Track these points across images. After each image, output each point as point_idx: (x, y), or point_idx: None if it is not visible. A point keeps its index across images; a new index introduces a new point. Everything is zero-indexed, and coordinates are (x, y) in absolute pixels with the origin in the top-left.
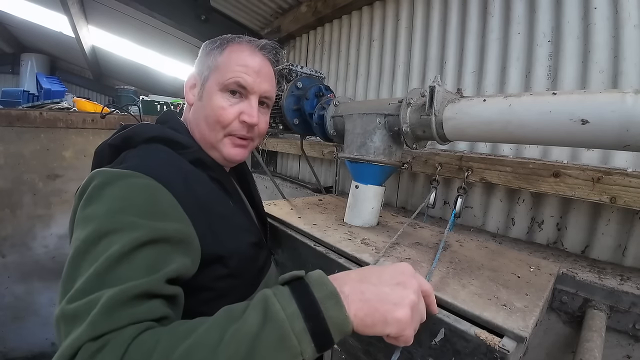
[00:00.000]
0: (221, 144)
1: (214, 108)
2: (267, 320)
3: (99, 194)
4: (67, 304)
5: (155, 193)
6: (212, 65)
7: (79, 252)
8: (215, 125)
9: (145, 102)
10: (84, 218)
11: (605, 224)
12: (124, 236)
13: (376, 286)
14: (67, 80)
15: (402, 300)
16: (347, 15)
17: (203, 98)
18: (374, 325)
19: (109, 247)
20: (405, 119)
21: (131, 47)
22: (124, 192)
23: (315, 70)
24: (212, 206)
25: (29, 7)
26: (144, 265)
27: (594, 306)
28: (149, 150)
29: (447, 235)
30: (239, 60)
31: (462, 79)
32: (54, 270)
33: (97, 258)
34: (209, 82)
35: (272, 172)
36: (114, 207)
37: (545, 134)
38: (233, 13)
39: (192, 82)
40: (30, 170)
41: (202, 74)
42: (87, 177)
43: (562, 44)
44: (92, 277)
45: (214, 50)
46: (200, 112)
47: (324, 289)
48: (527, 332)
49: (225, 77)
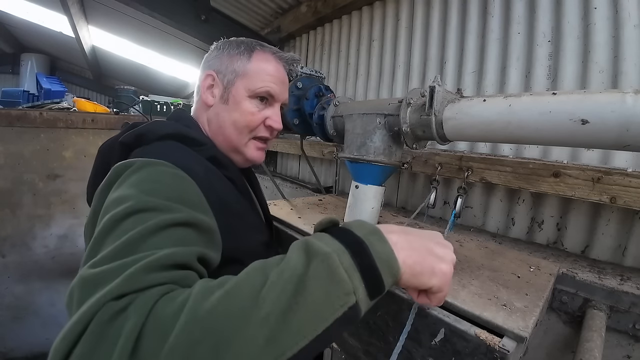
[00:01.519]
0: (246, 147)
1: (243, 113)
2: (312, 257)
3: (129, 178)
4: (89, 269)
5: (184, 182)
6: (240, 71)
7: (106, 226)
8: (243, 129)
9: (145, 102)
10: (114, 200)
11: (605, 224)
12: (159, 215)
13: (422, 239)
14: (67, 80)
15: (445, 256)
16: (347, 15)
17: (229, 102)
18: (421, 274)
19: (142, 222)
20: (405, 119)
21: (131, 47)
22: (156, 176)
23: (315, 70)
24: (230, 203)
25: (29, 7)
26: (179, 239)
27: (594, 306)
28: (164, 146)
29: (447, 235)
30: (269, 70)
31: (462, 79)
32: (54, 270)
33: (127, 230)
34: (235, 87)
35: (272, 172)
36: (147, 188)
37: (545, 134)
38: (233, 13)
39: (210, 82)
40: (30, 170)
41: (224, 76)
42: (111, 172)
43: (562, 44)
44: (123, 245)
45: (240, 55)
46: (225, 115)
47: (365, 227)
48: (527, 332)
49: (257, 85)
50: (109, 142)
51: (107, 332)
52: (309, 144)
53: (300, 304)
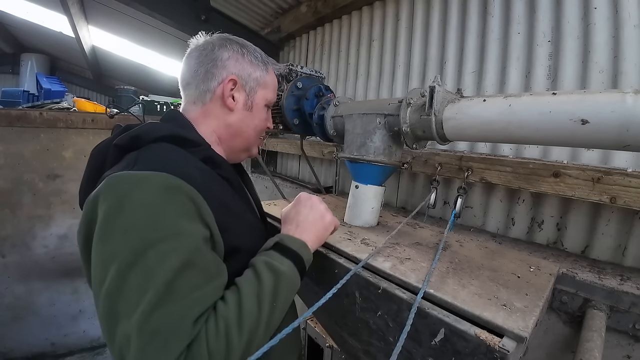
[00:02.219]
0: (254, 146)
1: (262, 120)
2: (277, 276)
3: (129, 201)
4: (142, 323)
5: (184, 191)
6: (261, 81)
7: (126, 265)
8: (260, 133)
9: (145, 102)
10: (120, 229)
11: (605, 224)
12: (175, 246)
13: (314, 224)
14: (67, 80)
15: (322, 216)
16: (347, 15)
17: (253, 109)
18: (323, 239)
19: (163, 259)
20: (405, 119)
21: (131, 47)
22: (155, 196)
23: (315, 70)
24: (228, 203)
25: (29, 7)
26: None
27: (594, 306)
28: (160, 149)
29: (447, 235)
30: (275, 83)
31: (462, 79)
32: (54, 270)
33: (152, 271)
34: (257, 96)
35: (272, 172)
36: (151, 214)
37: (545, 134)
38: (233, 13)
39: (232, 86)
40: (30, 170)
41: (246, 83)
42: (103, 183)
43: (562, 44)
44: (159, 294)
45: (260, 66)
46: (248, 121)
47: (296, 243)
48: (527, 332)
49: (271, 96)
50: (102, 145)
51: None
52: (309, 144)
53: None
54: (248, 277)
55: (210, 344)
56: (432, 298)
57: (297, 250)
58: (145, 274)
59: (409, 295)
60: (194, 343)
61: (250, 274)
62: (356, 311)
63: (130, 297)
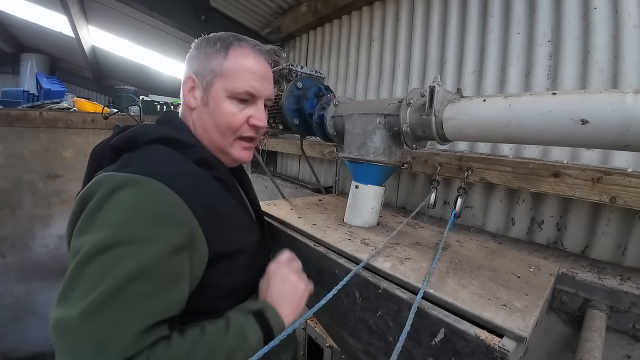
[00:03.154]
0: (231, 148)
1: (224, 114)
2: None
3: (109, 201)
4: (82, 319)
5: (165, 199)
6: (217, 71)
7: (86, 257)
8: (226, 131)
9: (145, 102)
10: (94, 224)
11: (605, 224)
12: (136, 252)
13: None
14: (67, 80)
15: (297, 284)
16: (347, 15)
17: (209, 104)
18: (300, 310)
19: (119, 261)
20: (405, 119)
21: (131, 47)
22: (134, 199)
23: (315, 70)
24: (218, 207)
25: (29, 7)
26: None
27: (594, 306)
28: (152, 151)
29: (447, 235)
30: (247, 66)
31: (462, 79)
32: (54, 271)
33: (107, 270)
34: (214, 88)
35: (272, 172)
36: (124, 216)
37: (545, 134)
38: (233, 13)
39: (191, 84)
40: (30, 170)
41: (203, 77)
42: (93, 182)
43: (562, 44)
44: (106, 295)
45: (217, 54)
46: (207, 117)
47: (278, 322)
48: (527, 332)
49: (235, 85)
50: (100, 146)
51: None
52: (309, 144)
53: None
54: (219, 327)
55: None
56: (432, 298)
57: (274, 328)
58: (100, 271)
59: (409, 295)
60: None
61: (221, 325)
62: (356, 311)
63: (81, 287)
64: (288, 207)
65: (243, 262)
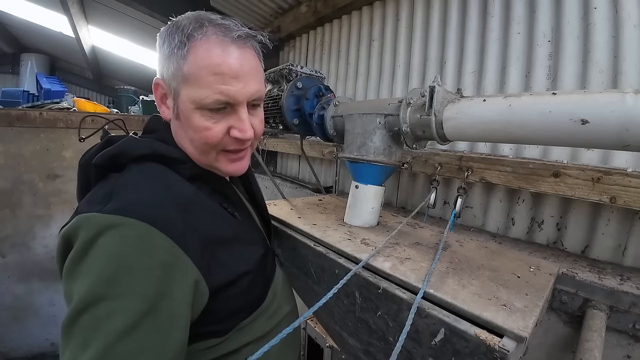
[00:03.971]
0: (217, 162)
1: (197, 130)
2: None
3: (92, 248)
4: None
5: (151, 243)
6: (178, 75)
7: (77, 310)
8: (204, 147)
9: (145, 102)
10: (82, 272)
11: (605, 224)
12: (123, 307)
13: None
14: (67, 80)
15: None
16: (347, 15)
17: (180, 117)
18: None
19: (108, 316)
20: (405, 119)
21: (131, 47)
22: (117, 248)
23: (315, 70)
24: (217, 234)
25: (29, 7)
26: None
27: (594, 306)
28: (139, 174)
29: (447, 235)
30: (210, 67)
31: (462, 79)
32: (54, 271)
33: (96, 326)
34: (181, 98)
35: (272, 172)
36: (108, 267)
37: (545, 134)
38: (233, 13)
39: (161, 91)
40: (30, 170)
41: (169, 83)
42: (74, 222)
43: (562, 44)
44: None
45: (176, 52)
46: (181, 132)
47: None
48: (527, 332)
49: (201, 95)
50: (86, 158)
51: None
52: (309, 144)
53: None
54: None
55: None
56: (432, 298)
57: None
58: (91, 325)
59: (409, 295)
60: None
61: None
62: (356, 311)
63: (74, 342)
64: (288, 207)
65: (246, 283)
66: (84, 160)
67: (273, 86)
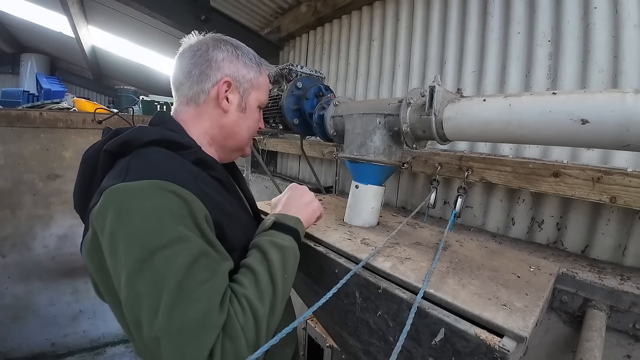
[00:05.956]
0: (247, 146)
1: (255, 121)
2: (283, 251)
3: (128, 213)
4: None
5: (180, 195)
6: (255, 83)
7: (135, 272)
8: (253, 133)
9: (145, 102)
10: (124, 240)
11: (605, 224)
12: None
13: (301, 206)
14: (67, 80)
15: (311, 201)
16: (347, 15)
17: (247, 111)
18: (311, 220)
19: (169, 262)
20: (405, 119)
21: (131, 47)
22: (152, 204)
23: (315, 70)
24: (221, 204)
25: (29, 7)
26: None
27: (594, 306)
28: (150, 154)
29: (447, 235)
30: (267, 84)
31: (462, 79)
32: (54, 271)
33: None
34: (251, 97)
35: (272, 172)
36: (150, 221)
37: (545, 133)
38: (233, 13)
39: (226, 87)
40: (30, 170)
41: (241, 85)
42: (103, 197)
43: (562, 44)
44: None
45: (253, 67)
46: (242, 122)
47: (292, 220)
48: (527, 332)
49: (264, 98)
50: (91, 150)
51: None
52: (309, 144)
53: (287, 273)
54: (256, 257)
55: (240, 321)
56: (432, 298)
57: (294, 226)
58: (154, 279)
59: (409, 295)
60: (226, 324)
61: (257, 254)
62: (356, 311)
63: (146, 303)
64: None
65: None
66: (89, 153)
67: (273, 86)
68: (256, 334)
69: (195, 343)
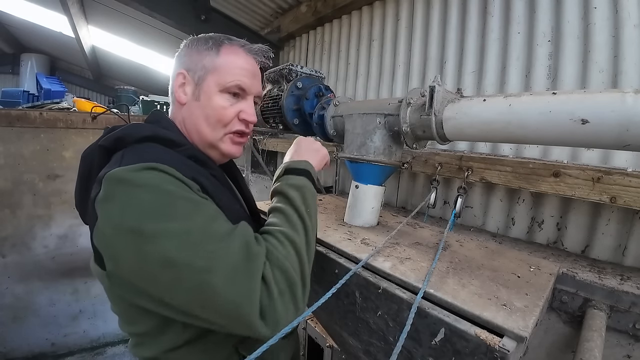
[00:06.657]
0: (221, 142)
1: (215, 108)
2: (302, 190)
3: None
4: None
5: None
6: (209, 66)
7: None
8: (216, 124)
9: (145, 102)
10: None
11: (605, 224)
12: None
13: (311, 151)
14: (67, 80)
15: (320, 148)
16: (347, 15)
17: (201, 98)
18: (322, 164)
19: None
20: (405, 119)
21: (131, 47)
22: (156, 179)
23: (315, 70)
24: (215, 195)
25: (29, 7)
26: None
27: (594, 306)
28: (144, 148)
29: (447, 235)
30: (238, 63)
31: (462, 79)
32: (54, 271)
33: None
34: (206, 83)
35: (272, 172)
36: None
37: (545, 133)
38: (233, 13)
39: (181, 80)
40: (30, 170)
41: (194, 73)
42: (104, 182)
43: (562, 44)
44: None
45: (209, 51)
46: (198, 111)
47: (302, 163)
48: (527, 332)
49: (226, 79)
50: (89, 149)
51: None
52: None
53: (309, 209)
54: (278, 199)
55: (281, 251)
56: (432, 298)
57: (305, 168)
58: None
59: (409, 295)
60: (269, 256)
61: (278, 197)
62: (356, 311)
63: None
64: None
65: None
66: (87, 151)
67: (273, 86)
68: (299, 261)
69: (245, 275)
